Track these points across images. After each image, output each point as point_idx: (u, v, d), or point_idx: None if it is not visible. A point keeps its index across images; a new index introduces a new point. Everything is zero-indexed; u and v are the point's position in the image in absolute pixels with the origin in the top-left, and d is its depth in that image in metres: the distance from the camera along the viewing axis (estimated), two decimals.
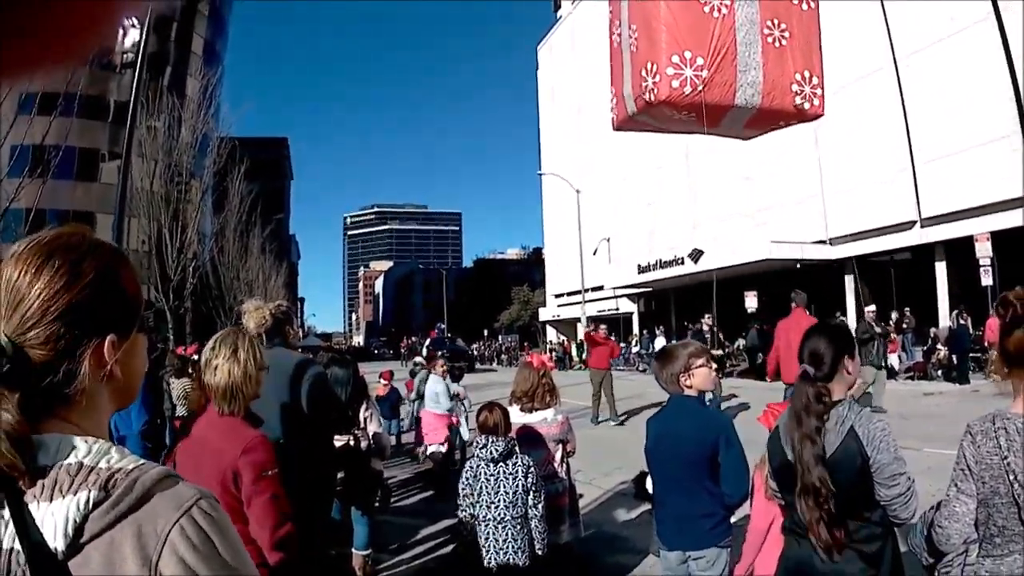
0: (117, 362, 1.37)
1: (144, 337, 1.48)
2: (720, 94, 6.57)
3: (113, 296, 1.38)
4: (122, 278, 1.40)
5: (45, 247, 1.36)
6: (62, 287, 1.32)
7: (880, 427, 3.50)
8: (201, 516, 1.28)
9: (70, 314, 1.32)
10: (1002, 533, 2.94)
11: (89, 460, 1.28)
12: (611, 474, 11.97)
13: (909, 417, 16.30)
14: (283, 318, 5.82)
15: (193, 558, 1.24)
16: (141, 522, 1.24)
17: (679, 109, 6.75)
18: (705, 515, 4.72)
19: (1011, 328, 3.04)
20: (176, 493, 1.30)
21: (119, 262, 1.42)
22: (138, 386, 1.51)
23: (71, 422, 1.34)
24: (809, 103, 7.08)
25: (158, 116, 43.06)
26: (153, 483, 1.28)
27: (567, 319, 67.31)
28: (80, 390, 1.34)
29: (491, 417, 5.83)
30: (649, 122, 7.51)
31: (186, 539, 1.25)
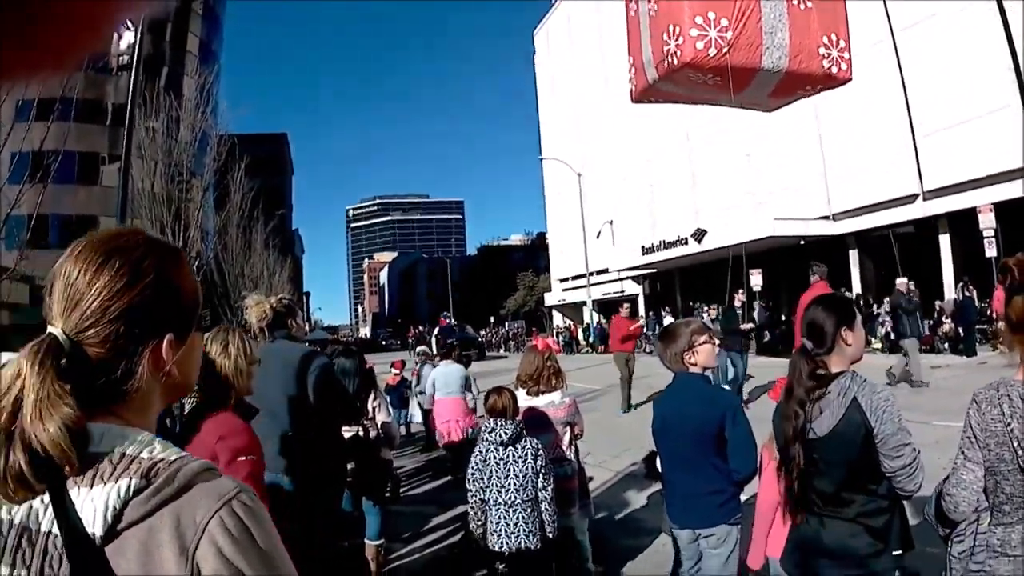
0: (175, 361, 1.40)
1: (201, 335, 1.51)
2: (746, 56, 6.41)
3: (171, 297, 1.40)
4: (180, 278, 1.43)
5: (104, 246, 1.38)
6: (122, 288, 1.35)
7: (883, 397, 3.50)
8: (241, 508, 1.29)
9: (129, 315, 1.35)
10: (1010, 500, 2.93)
11: (132, 450, 1.30)
12: (620, 456, 11.98)
13: (916, 390, 16.29)
14: (285, 311, 5.82)
15: (232, 550, 1.24)
16: (180, 511, 1.25)
17: (704, 72, 6.59)
18: (714, 492, 4.73)
19: (1011, 295, 3.04)
20: (217, 485, 1.31)
21: (177, 262, 1.44)
22: (192, 383, 1.55)
23: (121, 417, 1.36)
24: (837, 67, 6.94)
25: (156, 117, 42.95)
26: (194, 474, 1.29)
27: (573, 303, 67.27)
28: (136, 388, 1.38)
29: (500, 400, 5.83)
30: (671, 90, 7.34)
31: (225, 531, 1.25)
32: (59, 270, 1.37)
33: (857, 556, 3.53)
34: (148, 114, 41.95)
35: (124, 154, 16.73)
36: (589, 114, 61.70)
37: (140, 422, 1.38)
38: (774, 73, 6.65)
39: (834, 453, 3.53)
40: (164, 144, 43.41)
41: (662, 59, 6.64)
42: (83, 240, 1.40)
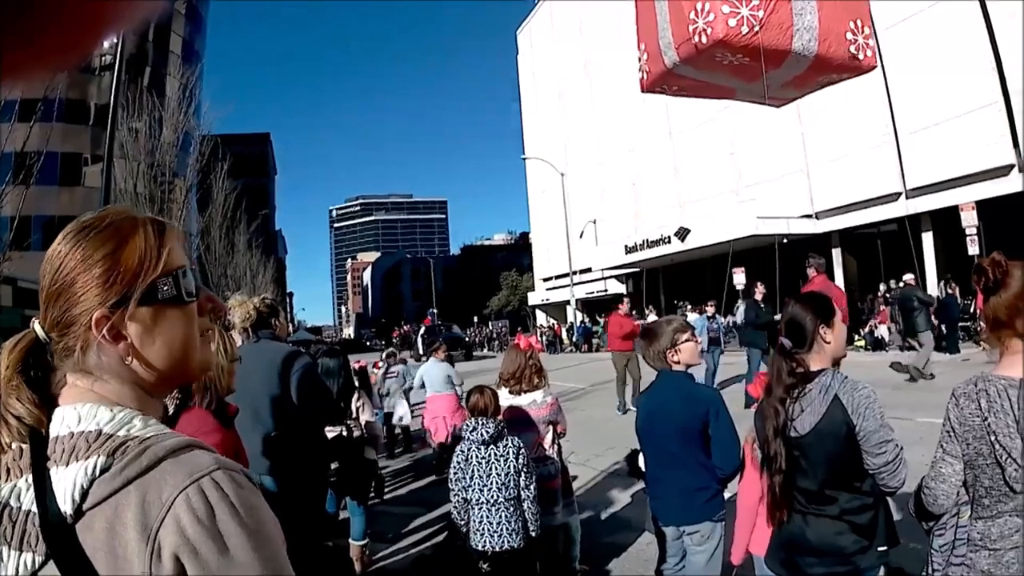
0: (119, 336, 1.37)
1: (176, 309, 1.44)
2: (776, 37, 6.31)
3: (98, 273, 1.36)
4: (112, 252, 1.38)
5: (59, 238, 1.41)
6: (54, 273, 1.37)
7: (865, 395, 3.50)
8: (212, 487, 1.23)
9: (60, 297, 1.37)
10: (989, 494, 2.96)
11: (109, 428, 1.29)
12: (604, 454, 11.99)
13: (900, 387, 16.35)
14: (268, 311, 5.82)
15: (195, 532, 1.19)
16: (148, 489, 1.22)
17: (735, 51, 6.51)
18: (698, 489, 4.74)
19: (987, 295, 3.08)
20: (190, 461, 1.27)
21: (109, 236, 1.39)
22: (178, 362, 1.47)
23: (106, 397, 1.36)
24: (863, 53, 6.85)
25: (139, 117, 42.83)
26: (167, 451, 1.26)
27: (556, 302, 67.34)
28: (104, 367, 1.38)
29: (481, 399, 5.82)
30: (689, 76, 7.16)
31: (190, 510, 1.20)
32: None
33: (843, 553, 3.54)
34: (131, 114, 41.83)
35: (106, 155, 16.68)
36: (572, 114, 61.77)
37: (129, 402, 1.38)
38: (804, 57, 6.54)
39: (817, 451, 3.54)
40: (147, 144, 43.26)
41: (687, 39, 6.50)
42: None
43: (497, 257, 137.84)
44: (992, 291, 3.05)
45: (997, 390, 2.91)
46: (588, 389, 22.80)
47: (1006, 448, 2.84)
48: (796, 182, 36.88)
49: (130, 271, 1.38)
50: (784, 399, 3.62)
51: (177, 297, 1.43)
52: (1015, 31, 25.57)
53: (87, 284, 1.36)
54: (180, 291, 1.43)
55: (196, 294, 1.49)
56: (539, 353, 7.01)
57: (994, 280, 3.05)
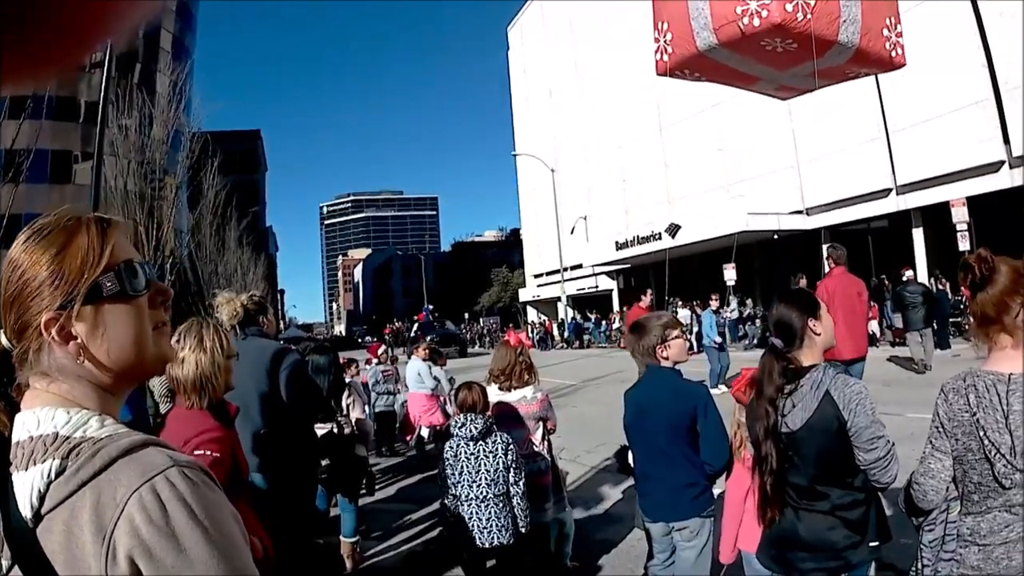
0: (68, 337, 1.38)
1: (122, 305, 1.43)
2: (825, 26, 6.22)
3: (42, 277, 1.37)
4: (53, 255, 1.38)
5: (14, 245, 1.43)
6: (7, 281, 1.39)
7: (856, 390, 3.51)
8: (166, 486, 1.22)
9: (12, 304, 1.39)
10: (979, 490, 2.96)
11: (66, 430, 1.30)
12: (595, 451, 12.02)
13: (891, 383, 16.38)
14: (255, 308, 5.80)
15: (148, 532, 1.18)
16: (102, 490, 1.22)
17: (786, 36, 6.41)
18: (687, 485, 4.74)
19: (974, 292, 3.09)
20: (143, 460, 1.26)
21: (49, 240, 1.40)
22: (131, 358, 1.45)
23: (68, 399, 1.38)
24: (895, 51, 6.75)
25: (129, 114, 42.78)
26: (121, 451, 1.26)
27: (547, 299, 67.27)
28: (58, 369, 1.39)
29: (469, 395, 5.82)
30: (721, 60, 6.95)
31: (143, 510, 1.19)
32: None
33: (834, 548, 3.55)
34: (121, 112, 41.79)
35: (96, 152, 16.66)
36: (562, 110, 61.72)
37: (88, 402, 1.39)
38: (847, 49, 6.46)
39: (808, 447, 3.54)
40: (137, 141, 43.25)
41: (730, 21, 6.33)
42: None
43: (488, 254, 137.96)
44: (979, 287, 3.06)
45: (986, 385, 2.92)
46: (579, 385, 22.83)
47: (995, 443, 2.84)
48: (786, 178, 36.87)
49: (74, 271, 1.38)
50: (774, 399, 3.62)
51: (121, 292, 1.43)
52: (1005, 28, 25.63)
53: (36, 288, 1.37)
54: (124, 286, 1.43)
55: (146, 287, 1.49)
56: (529, 349, 6.99)
57: (980, 276, 3.05)
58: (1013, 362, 2.94)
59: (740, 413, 4.84)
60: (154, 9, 1.80)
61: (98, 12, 0.86)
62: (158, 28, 63.19)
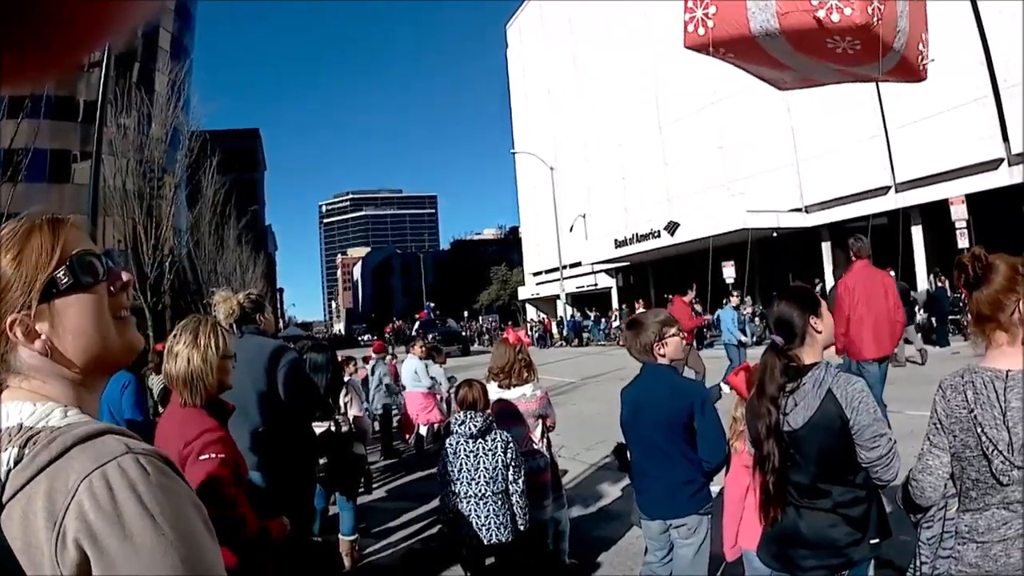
0: (33, 335, 1.40)
1: (79, 296, 1.45)
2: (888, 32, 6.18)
3: (4, 281, 1.39)
4: (14, 260, 1.41)
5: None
6: None
7: (858, 388, 3.51)
8: (117, 473, 1.22)
9: None
10: (976, 486, 2.96)
11: (30, 420, 1.31)
12: (594, 448, 12.01)
13: (892, 381, 16.34)
14: (252, 307, 5.80)
15: (95, 517, 1.18)
16: (55, 477, 1.22)
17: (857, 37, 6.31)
18: (685, 483, 4.74)
19: (970, 290, 3.11)
20: (98, 447, 1.26)
21: (9, 247, 1.42)
22: (95, 348, 1.47)
23: (35, 391, 1.40)
24: (922, 65, 6.77)
25: (128, 113, 42.73)
26: (76, 439, 1.26)
27: (546, 296, 67.31)
28: (24, 366, 1.41)
29: (469, 393, 5.82)
30: (768, 47, 6.85)
31: (92, 496, 1.19)
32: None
33: (835, 546, 3.55)
34: (120, 111, 41.69)
35: (95, 151, 16.65)
36: (562, 108, 61.74)
37: (60, 396, 1.41)
38: (896, 53, 6.42)
39: (810, 445, 3.53)
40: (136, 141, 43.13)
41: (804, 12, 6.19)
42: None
43: (487, 252, 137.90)
44: (974, 286, 3.06)
45: (983, 382, 2.92)
46: (578, 383, 22.86)
47: (992, 440, 2.84)
48: (786, 176, 36.90)
49: (30, 271, 1.41)
50: (776, 398, 3.61)
51: (75, 284, 1.44)
52: (1004, 25, 25.64)
53: (1, 293, 1.39)
54: (77, 278, 1.45)
55: (103, 276, 1.50)
56: (528, 347, 6.99)
57: (975, 275, 3.06)
58: (1010, 359, 2.94)
59: (738, 408, 4.84)
60: (153, 9, 1.80)
61: (98, 13, 0.86)
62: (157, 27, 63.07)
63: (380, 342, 15.68)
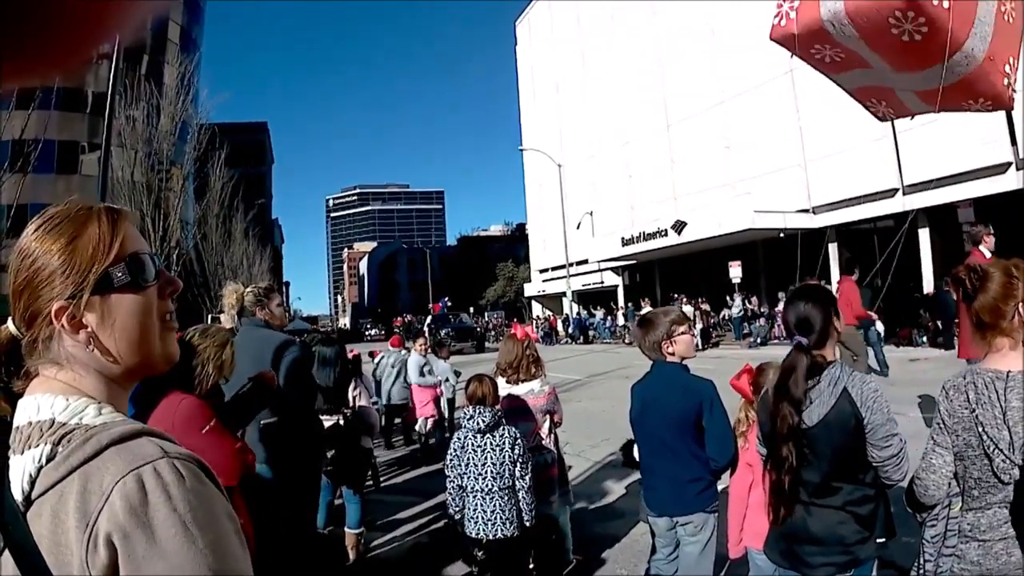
0: (79, 326, 1.39)
1: (131, 296, 1.45)
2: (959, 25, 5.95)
3: (54, 266, 1.39)
4: (65, 244, 1.41)
5: (24, 234, 1.45)
6: (16, 269, 1.42)
7: (872, 387, 3.54)
8: (151, 476, 1.22)
9: (21, 292, 1.41)
10: (979, 485, 3.00)
11: (63, 416, 1.31)
12: (599, 445, 12.03)
13: (896, 383, 16.38)
14: (253, 300, 5.88)
15: (126, 519, 1.18)
16: (90, 477, 1.22)
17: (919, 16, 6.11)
18: (692, 480, 4.77)
19: (968, 301, 3.17)
20: (134, 449, 1.26)
21: (62, 229, 1.42)
22: (138, 350, 1.46)
23: (70, 386, 1.38)
24: (1009, 91, 6.52)
25: (137, 105, 42.80)
26: (111, 439, 1.26)
27: (552, 294, 67.14)
28: (65, 357, 1.40)
29: (479, 388, 5.83)
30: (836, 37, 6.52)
31: (125, 499, 1.19)
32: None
33: (844, 543, 3.58)
34: (128, 103, 41.77)
35: (104, 143, 16.67)
36: (570, 105, 61.62)
37: (94, 391, 1.40)
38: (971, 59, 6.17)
39: (824, 443, 3.55)
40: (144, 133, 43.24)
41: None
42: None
43: (494, 248, 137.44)
44: (972, 298, 3.11)
45: (984, 382, 2.97)
46: (584, 380, 22.81)
47: (994, 439, 2.89)
48: (793, 176, 36.77)
49: (85, 261, 1.40)
50: (800, 401, 3.60)
51: (132, 283, 1.45)
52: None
53: (47, 277, 1.38)
54: (135, 277, 1.45)
55: (156, 277, 1.50)
56: (536, 343, 7.02)
57: (972, 287, 3.10)
58: (1011, 360, 2.99)
59: (742, 409, 4.88)
60: (159, 7, 1.81)
61: (105, 9, 0.89)
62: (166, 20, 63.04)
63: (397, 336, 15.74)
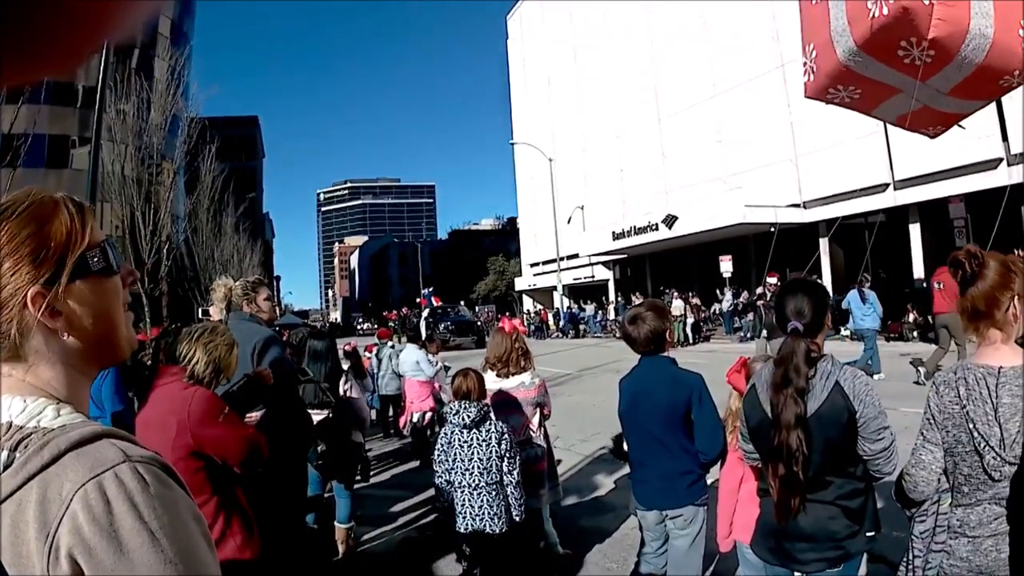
0: (55, 313, 1.33)
1: (105, 281, 1.41)
2: (950, 30, 5.83)
3: (23, 253, 1.32)
4: (36, 230, 1.33)
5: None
6: None
7: (864, 381, 3.54)
8: (113, 483, 1.17)
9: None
10: (968, 482, 2.99)
11: (20, 419, 1.26)
12: (589, 439, 12.04)
13: (886, 377, 16.41)
14: (244, 293, 5.90)
15: (91, 531, 1.14)
16: (49, 484, 1.17)
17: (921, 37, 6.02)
18: (681, 474, 4.76)
19: (965, 287, 3.12)
20: (93, 454, 1.20)
21: (30, 216, 1.34)
22: (109, 336, 1.44)
23: (30, 384, 1.32)
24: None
25: (127, 99, 42.73)
26: (70, 444, 1.20)
27: (543, 288, 67.26)
28: (32, 351, 1.33)
29: (465, 382, 5.82)
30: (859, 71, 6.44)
31: (87, 508, 1.14)
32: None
33: (834, 538, 3.56)
34: (119, 96, 41.69)
35: (94, 137, 16.64)
36: (561, 99, 61.67)
37: (58, 387, 1.35)
38: (982, 38, 5.98)
39: (816, 437, 3.53)
40: (135, 126, 43.18)
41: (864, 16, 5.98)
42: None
43: (485, 242, 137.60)
44: (969, 283, 3.09)
45: (976, 378, 2.96)
46: (575, 375, 22.86)
47: (984, 436, 2.88)
48: (784, 171, 36.85)
49: (60, 245, 1.35)
50: (804, 389, 3.56)
51: (107, 268, 1.42)
52: None
53: (16, 264, 1.31)
54: (110, 262, 1.42)
55: (118, 267, 1.47)
56: (524, 336, 7.02)
57: (971, 272, 3.08)
58: (1003, 355, 2.97)
59: (734, 402, 4.87)
60: (156, 8, 1.80)
61: (104, 9, 0.87)
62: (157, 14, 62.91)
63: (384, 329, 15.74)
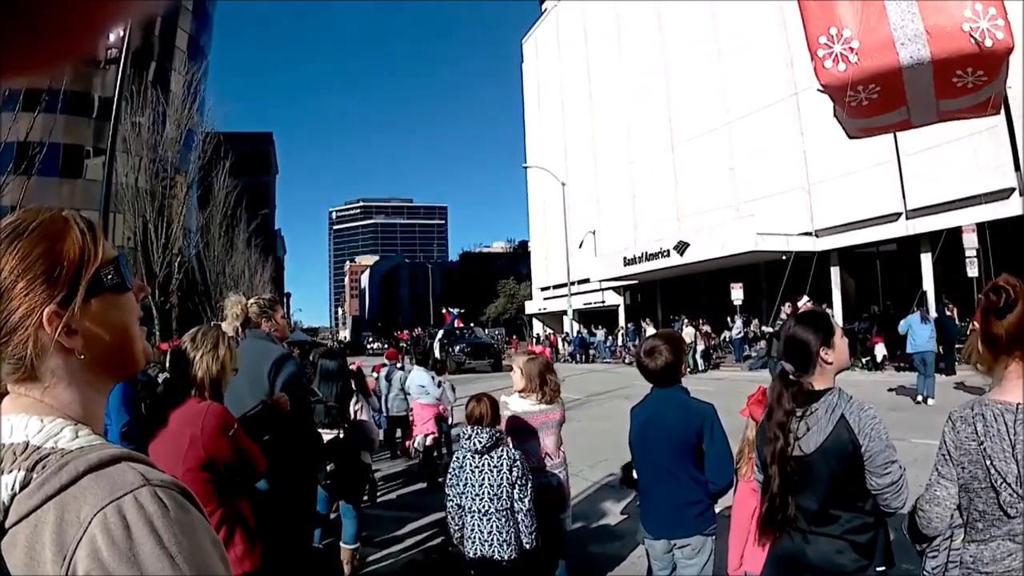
0: (71, 332, 1.31)
1: (120, 297, 1.40)
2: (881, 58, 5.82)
3: (38, 270, 1.29)
4: (49, 248, 1.31)
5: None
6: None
7: (870, 415, 3.50)
8: (132, 507, 1.14)
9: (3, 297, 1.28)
10: (983, 518, 2.97)
11: (37, 439, 1.23)
12: (597, 466, 12.01)
13: (897, 408, 16.34)
14: (258, 312, 5.90)
15: (110, 555, 1.10)
16: (66, 507, 1.14)
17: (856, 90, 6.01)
18: (690, 503, 4.74)
19: (1004, 312, 3.06)
20: (112, 477, 1.18)
21: (42, 234, 1.32)
22: (126, 351, 1.43)
23: (45, 403, 1.30)
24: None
25: (143, 111, 42.94)
26: (88, 466, 1.18)
27: (553, 312, 67.19)
28: (45, 371, 1.31)
29: (477, 408, 5.79)
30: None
31: (106, 531, 1.11)
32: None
33: (842, 572, 3.53)
34: (135, 109, 41.91)
35: (109, 148, 16.70)
36: (574, 124, 61.76)
37: (74, 406, 1.33)
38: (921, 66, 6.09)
39: (821, 470, 3.52)
40: (149, 139, 43.41)
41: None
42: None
43: (496, 264, 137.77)
44: (1004, 312, 3.05)
45: (994, 414, 2.93)
46: (584, 400, 22.81)
47: (1001, 472, 2.85)
48: (796, 199, 36.85)
49: (73, 264, 1.33)
50: (784, 423, 3.60)
51: (120, 284, 1.41)
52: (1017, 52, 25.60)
53: (30, 284, 1.29)
54: (123, 278, 1.41)
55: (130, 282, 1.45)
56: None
57: (1007, 302, 3.04)
58: (1021, 392, 2.94)
59: (750, 430, 4.85)
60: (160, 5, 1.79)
61: (103, 6, 0.87)
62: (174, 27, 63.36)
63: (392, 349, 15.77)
